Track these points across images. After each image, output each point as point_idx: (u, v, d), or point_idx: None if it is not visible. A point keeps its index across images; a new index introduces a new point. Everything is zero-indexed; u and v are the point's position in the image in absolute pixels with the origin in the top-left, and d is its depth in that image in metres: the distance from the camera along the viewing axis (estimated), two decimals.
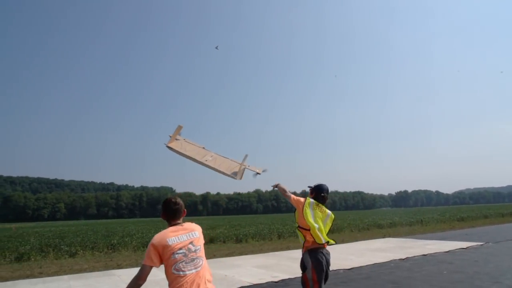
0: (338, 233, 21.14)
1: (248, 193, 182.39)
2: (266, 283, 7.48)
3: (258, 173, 4.71)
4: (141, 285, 2.57)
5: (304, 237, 3.92)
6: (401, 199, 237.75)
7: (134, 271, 3.19)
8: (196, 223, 3.00)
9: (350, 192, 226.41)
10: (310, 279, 3.79)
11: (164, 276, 2.72)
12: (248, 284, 7.31)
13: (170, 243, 2.68)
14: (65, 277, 8.94)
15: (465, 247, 12.23)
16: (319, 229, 3.82)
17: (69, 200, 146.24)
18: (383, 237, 17.40)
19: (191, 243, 2.75)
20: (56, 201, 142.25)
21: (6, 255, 12.85)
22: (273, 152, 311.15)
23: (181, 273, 2.62)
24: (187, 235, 2.76)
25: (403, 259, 10.17)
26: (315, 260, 3.81)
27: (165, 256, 2.67)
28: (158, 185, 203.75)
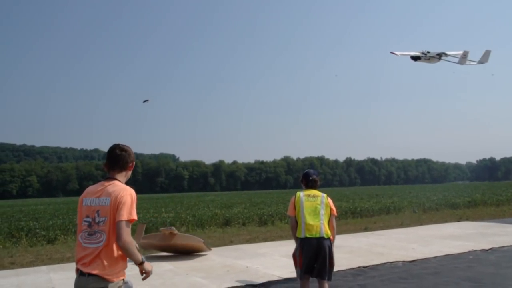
0: (396, 214, 21.22)
1: (275, 161, 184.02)
2: None
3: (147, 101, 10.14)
4: None
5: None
6: (486, 170, 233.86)
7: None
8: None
9: (413, 160, 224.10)
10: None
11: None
12: (277, 278, 7.50)
13: (84, 204, 3.00)
14: (43, 268, 9.44)
15: None
16: (305, 223, 5.41)
17: (43, 172, 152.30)
18: (458, 221, 17.35)
19: (97, 212, 2.93)
20: (26, 173, 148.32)
21: None
22: (321, 109, 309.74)
23: (83, 245, 2.96)
24: (98, 199, 2.95)
25: (487, 250, 10.14)
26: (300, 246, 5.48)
27: (78, 214, 3.06)
28: (156, 151, 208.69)
